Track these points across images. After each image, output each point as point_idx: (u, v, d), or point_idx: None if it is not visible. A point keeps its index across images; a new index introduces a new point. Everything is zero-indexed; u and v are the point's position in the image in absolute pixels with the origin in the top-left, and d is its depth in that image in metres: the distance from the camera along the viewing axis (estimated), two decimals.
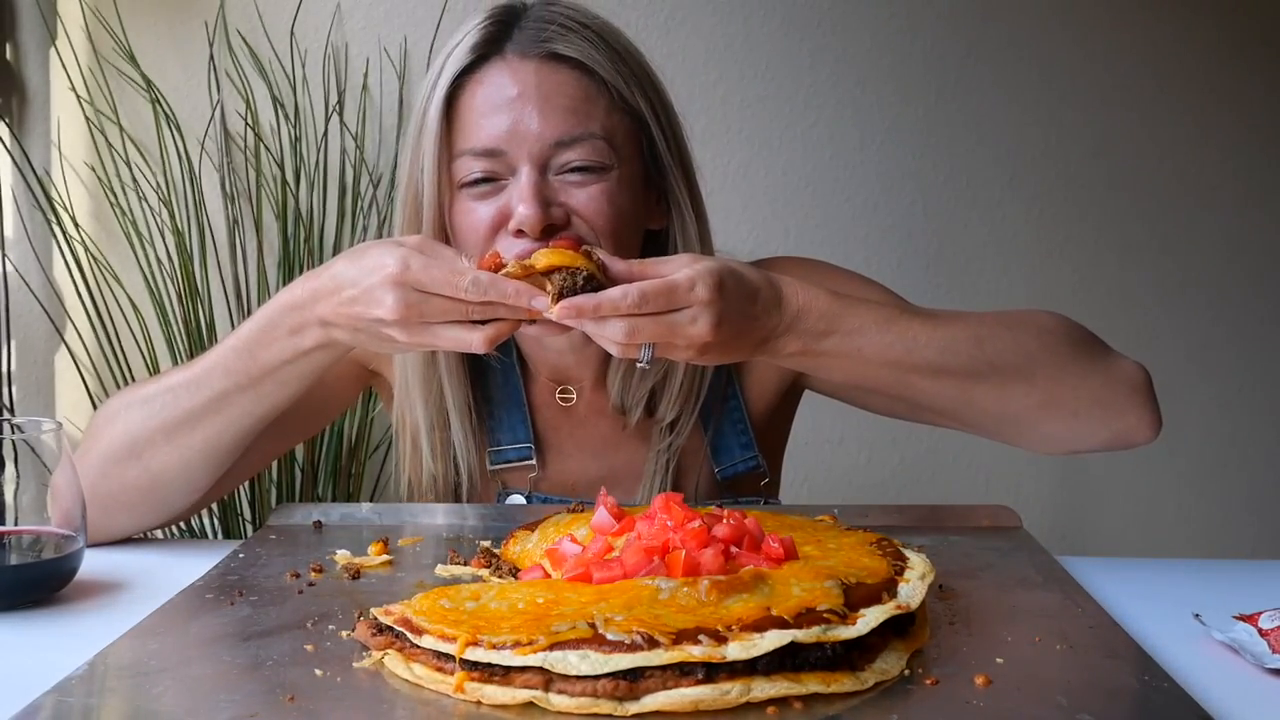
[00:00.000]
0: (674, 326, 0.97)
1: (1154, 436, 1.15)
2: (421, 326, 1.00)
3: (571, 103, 1.14)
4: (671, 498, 0.95)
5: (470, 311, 0.98)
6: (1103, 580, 1.03)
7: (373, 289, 0.99)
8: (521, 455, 1.28)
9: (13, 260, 2.31)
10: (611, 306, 0.95)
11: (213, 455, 1.15)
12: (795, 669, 0.75)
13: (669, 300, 0.96)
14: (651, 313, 0.96)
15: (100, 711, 0.75)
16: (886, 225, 2.48)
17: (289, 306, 1.07)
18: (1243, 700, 0.79)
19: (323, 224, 2.33)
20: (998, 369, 1.10)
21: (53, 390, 2.37)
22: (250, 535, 1.37)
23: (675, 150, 1.22)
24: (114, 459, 1.13)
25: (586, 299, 0.95)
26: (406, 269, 0.98)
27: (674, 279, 0.97)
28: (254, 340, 1.09)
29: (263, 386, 1.11)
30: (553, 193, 1.13)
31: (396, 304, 0.98)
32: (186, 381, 1.12)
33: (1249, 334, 2.56)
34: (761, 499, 1.29)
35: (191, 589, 0.99)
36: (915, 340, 1.07)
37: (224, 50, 2.34)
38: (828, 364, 1.07)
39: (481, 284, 0.97)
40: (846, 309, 1.06)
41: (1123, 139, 2.49)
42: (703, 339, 0.98)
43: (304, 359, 1.09)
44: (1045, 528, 1.34)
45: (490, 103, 1.14)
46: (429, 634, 0.78)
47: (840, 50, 2.44)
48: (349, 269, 1.02)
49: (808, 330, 1.04)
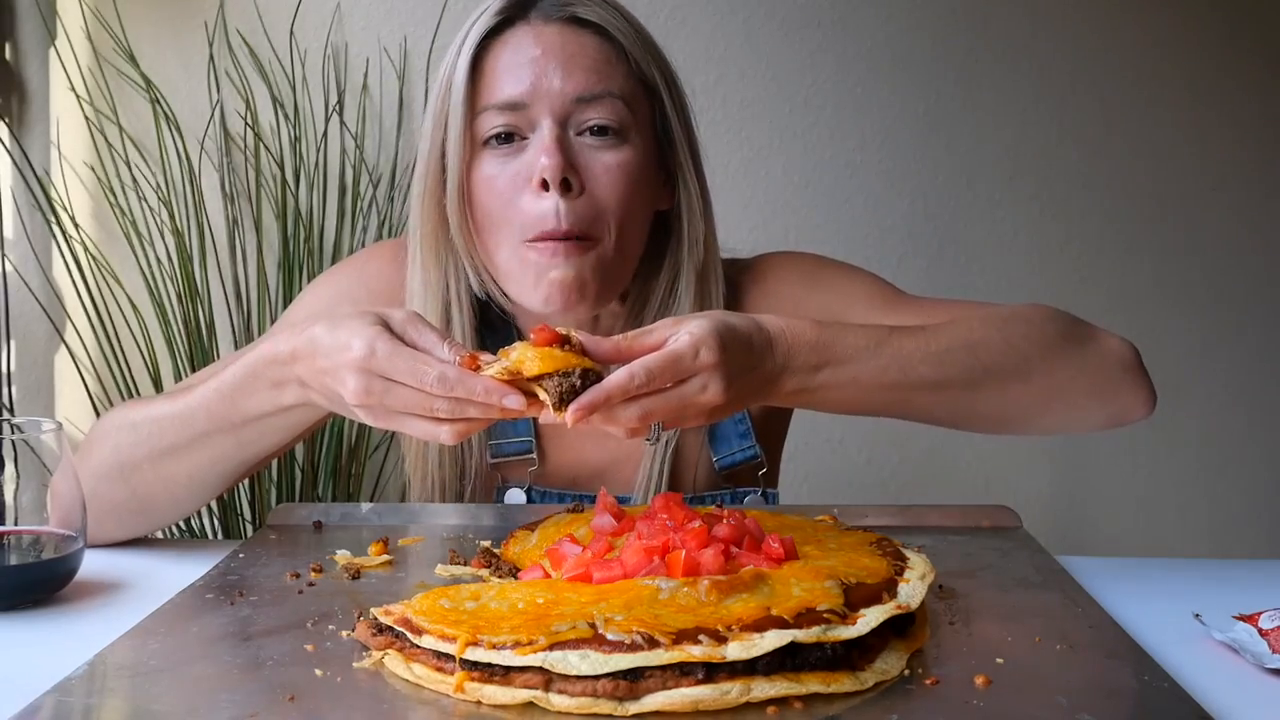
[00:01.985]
0: (685, 399, 0.93)
1: (1150, 412, 1.15)
2: (386, 413, 0.96)
3: (593, 63, 1.16)
4: (671, 497, 0.95)
5: (435, 407, 0.92)
6: (1103, 580, 1.03)
7: (339, 368, 0.96)
8: (522, 448, 1.28)
9: (13, 260, 2.31)
10: (621, 393, 0.90)
11: (198, 486, 1.15)
12: (795, 669, 0.75)
13: (675, 372, 0.92)
14: (659, 390, 0.92)
15: (100, 711, 0.75)
16: (886, 225, 2.48)
17: (271, 360, 1.04)
18: (1243, 700, 0.79)
19: (323, 224, 2.33)
20: (993, 374, 1.10)
21: (53, 390, 2.37)
22: (250, 535, 1.37)
23: (684, 127, 1.23)
24: (103, 478, 1.13)
25: (595, 396, 0.89)
26: (371, 355, 0.94)
27: (676, 349, 0.93)
28: (237, 387, 1.07)
29: (244, 434, 1.09)
30: (573, 153, 1.15)
31: (358, 389, 0.95)
32: (172, 415, 1.11)
33: (1249, 334, 2.56)
34: (760, 489, 1.29)
35: (191, 589, 0.99)
36: (909, 359, 1.06)
37: (224, 50, 2.34)
38: (826, 396, 1.04)
39: (448, 380, 0.91)
40: (836, 338, 1.03)
41: (1123, 138, 2.49)
42: (716, 404, 0.95)
43: (285, 414, 1.07)
44: (1045, 528, 1.33)
45: (514, 61, 1.16)
46: (429, 634, 0.78)
47: (840, 50, 2.44)
48: (324, 337, 0.98)
49: (801, 366, 1.01)
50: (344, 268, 1.36)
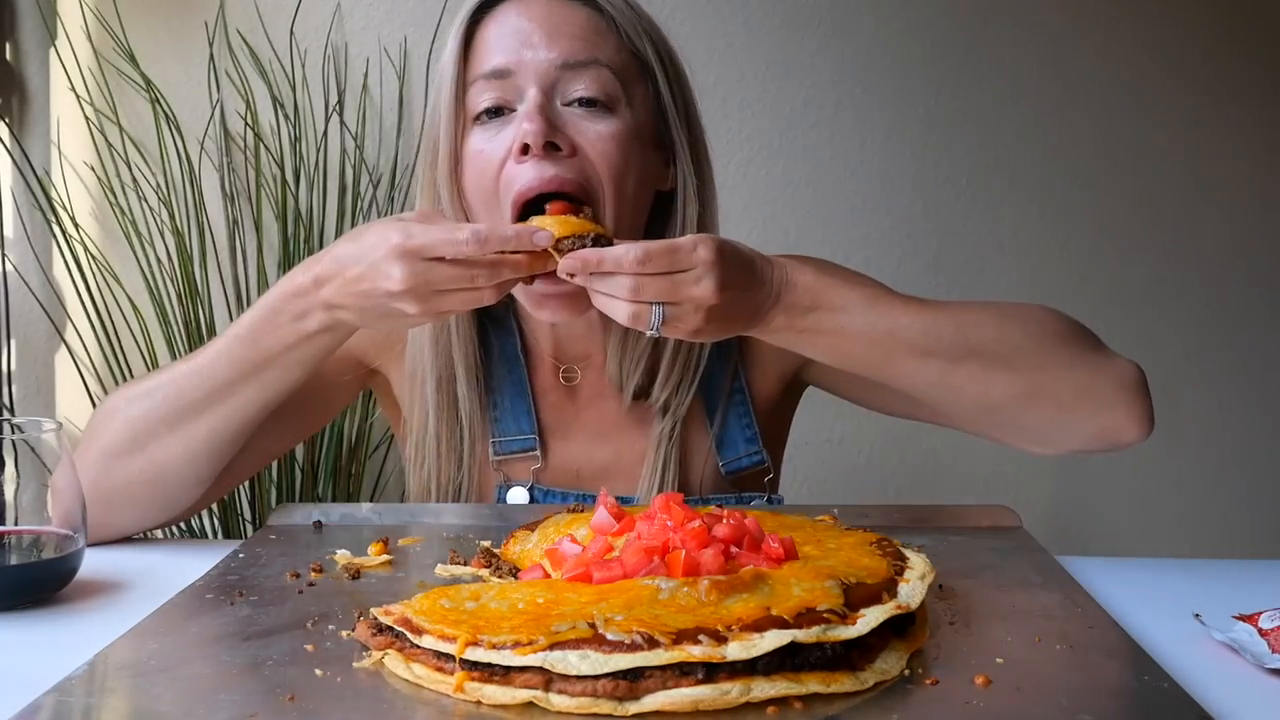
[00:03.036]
0: (679, 285, 0.99)
1: (1144, 436, 1.13)
2: (431, 294, 1.01)
3: (580, 32, 1.17)
4: (672, 497, 0.95)
5: (475, 277, 1.00)
6: (1103, 580, 1.03)
7: (378, 263, 1.01)
8: (525, 446, 1.28)
9: (13, 260, 2.31)
10: (615, 262, 0.97)
11: (217, 445, 1.15)
12: (795, 669, 0.75)
13: (672, 260, 0.98)
14: (655, 272, 0.98)
15: (100, 711, 0.75)
16: (886, 225, 2.48)
17: (291, 293, 1.08)
18: (1243, 700, 0.79)
19: (323, 224, 2.33)
20: (979, 354, 1.10)
21: (53, 390, 2.37)
22: (250, 535, 1.37)
23: (682, 107, 1.24)
24: (116, 453, 1.13)
25: (591, 252, 0.99)
26: (409, 237, 1.00)
27: (676, 241, 1.00)
28: (257, 328, 1.10)
29: (266, 374, 1.12)
30: (560, 121, 1.15)
31: (404, 275, 1.00)
32: (189, 372, 1.13)
33: (1249, 334, 2.56)
34: (765, 495, 1.29)
35: (191, 589, 0.99)
36: (898, 320, 1.08)
37: (224, 50, 2.34)
38: (812, 340, 1.08)
39: (480, 234, 0.99)
40: (831, 286, 1.07)
41: (1123, 139, 2.49)
42: (708, 300, 0.99)
43: (308, 343, 1.10)
44: (1045, 528, 1.33)
45: (501, 33, 1.17)
46: (429, 634, 0.78)
47: (840, 50, 2.44)
48: (351, 248, 1.04)
49: (793, 305, 1.05)
50: None
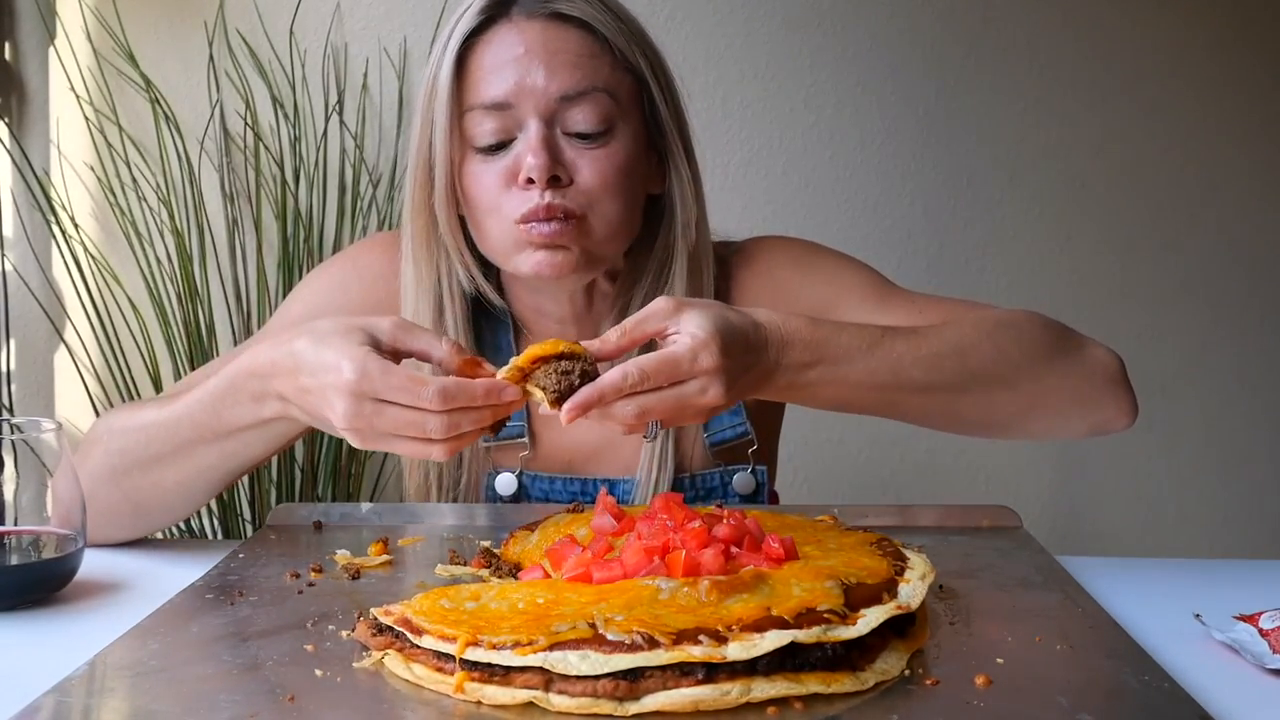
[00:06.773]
0: (684, 399, 0.94)
1: (1130, 423, 1.18)
2: (375, 435, 0.94)
3: (576, 59, 1.16)
4: (671, 498, 0.95)
5: (428, 427, 0.91)
6: (1103, 580, 1.03)
7: (326, 390, 0.94)
8: (514, 433, 1.28)
9: (12, 260, 2.31)
10: (615, 391, 0.91)
11: (188, 493, 1.15)
12: (795, 669, 0.75)
13: (672, 374, 0.93)
14: (656, 389, 0.93)
15: (100, 711, 0.75)
16: (886, 225, 2.48)
17: (251, 373, 1.03)
18: (1243, 700, 0.79)
19: (322, 224, 2.33)
20: (981, 380, 1.11)
21: (53, 390, 2.37)
22: (250, 535, 1.37)
23: (673, 112, 1.24)
24: (99, 481, 1.13)
25: (589, 393, 0.91)
26: (363, 377, 0.92)
27: (674, 352, 0.93)
28: (219, 399, 1.06)
29: (227, 445, 1.08)
30: (560, 150, 1.15)
31: (347, 413, 0.93)
32: (159, 424, 1.10)
33: (1249, 334, 2.56)
34: (750, 465, 1.30)
35: (191, 589, 0.99)
36: (900, 361, 1.07)
37: (223, 50, 2.34)
38: (816, 393, 1.06)
39: (448, 393, 0.91)
40: (829, 336, 1.04)
41: (1122, 139, 2.49)
42: (716, 405, 0.95)
43: (265, 427, 1.06)
44: (1045, 528, 1.34)
45: (498, 60, 1.16)
46: (429, 634, 0.78)
47: (840, 50, 2.44)
48: (308, 354, 0.96)
49: (794, 363, 1.02)
50: (339, 260, 1.37)
